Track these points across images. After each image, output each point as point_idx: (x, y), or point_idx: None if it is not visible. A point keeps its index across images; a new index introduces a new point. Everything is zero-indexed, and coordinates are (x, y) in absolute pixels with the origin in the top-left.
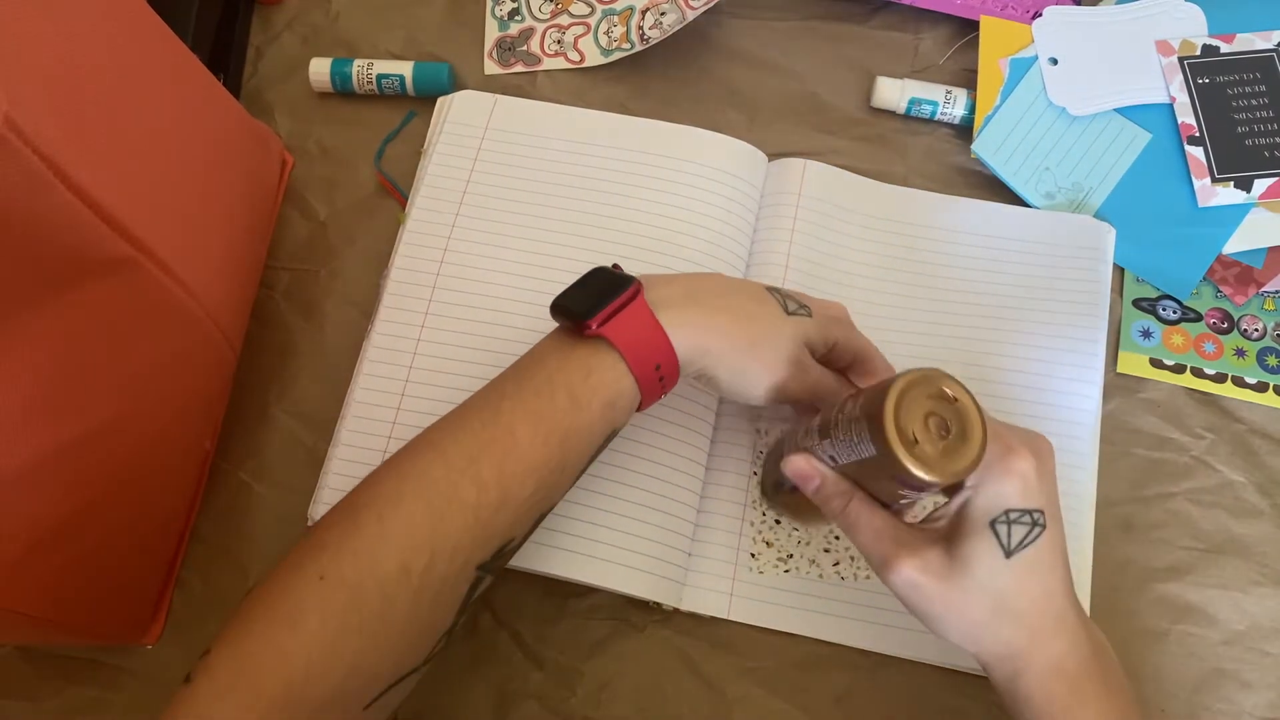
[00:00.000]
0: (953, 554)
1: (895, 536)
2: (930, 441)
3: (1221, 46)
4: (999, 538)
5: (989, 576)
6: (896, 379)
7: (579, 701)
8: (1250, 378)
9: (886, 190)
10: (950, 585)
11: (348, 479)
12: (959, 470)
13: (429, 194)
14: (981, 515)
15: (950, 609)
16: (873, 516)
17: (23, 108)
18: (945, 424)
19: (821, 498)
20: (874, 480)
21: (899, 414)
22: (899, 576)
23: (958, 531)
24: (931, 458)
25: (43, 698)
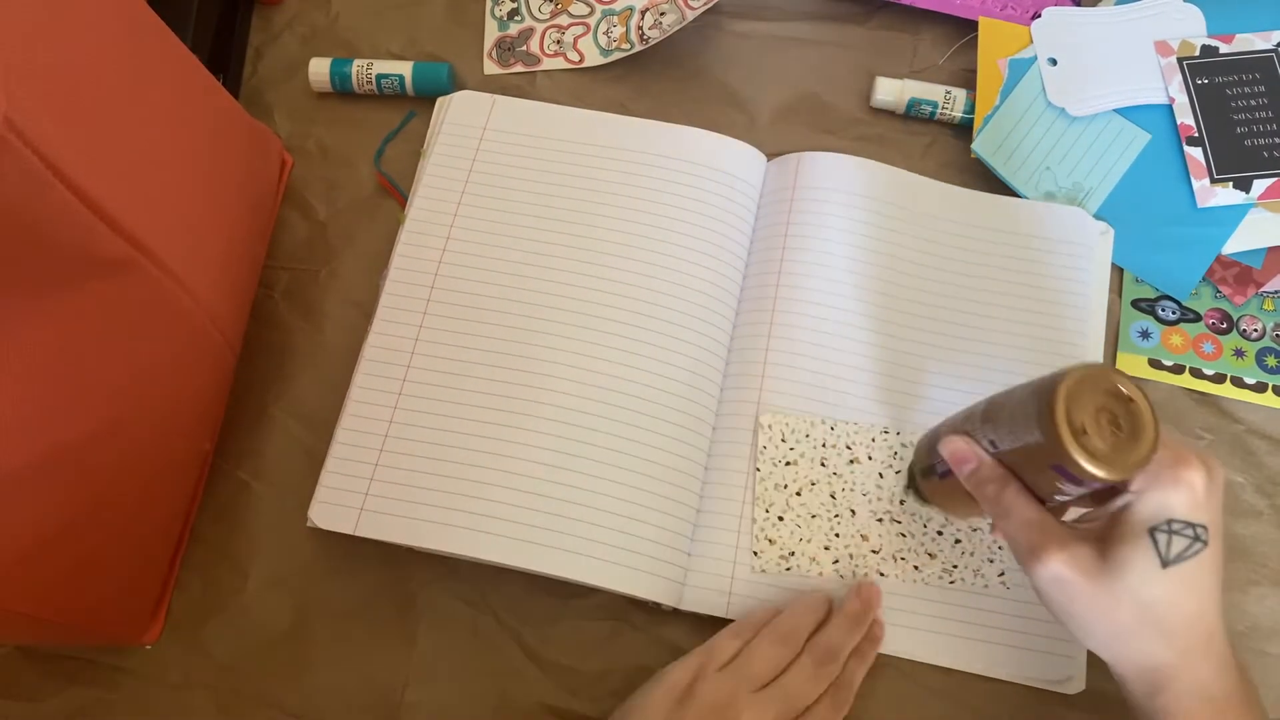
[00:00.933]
0: (1105, 555)
1: (1046, 528)
2: (1099, 435)
3: (1221, 47)
4: (1157, 546)
5: (1141, 584)
6: (1072, 369)
7: (579, 702)
8: (1249, 378)
9: (882, 170)
10: (1098, 586)
11: (346, 478)
12: (1124, 467)
13: (428, 194)
14: (1142, 521)
15: (1094, 611)
16: (1026, 505)
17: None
18: (1117, 421)
19: (976, 481)
20: (1033, 470)
21: (1071, 403)
22: (1046, 569)
23: (1114, 534)
24: (1099, 451)
25: (43, 698)
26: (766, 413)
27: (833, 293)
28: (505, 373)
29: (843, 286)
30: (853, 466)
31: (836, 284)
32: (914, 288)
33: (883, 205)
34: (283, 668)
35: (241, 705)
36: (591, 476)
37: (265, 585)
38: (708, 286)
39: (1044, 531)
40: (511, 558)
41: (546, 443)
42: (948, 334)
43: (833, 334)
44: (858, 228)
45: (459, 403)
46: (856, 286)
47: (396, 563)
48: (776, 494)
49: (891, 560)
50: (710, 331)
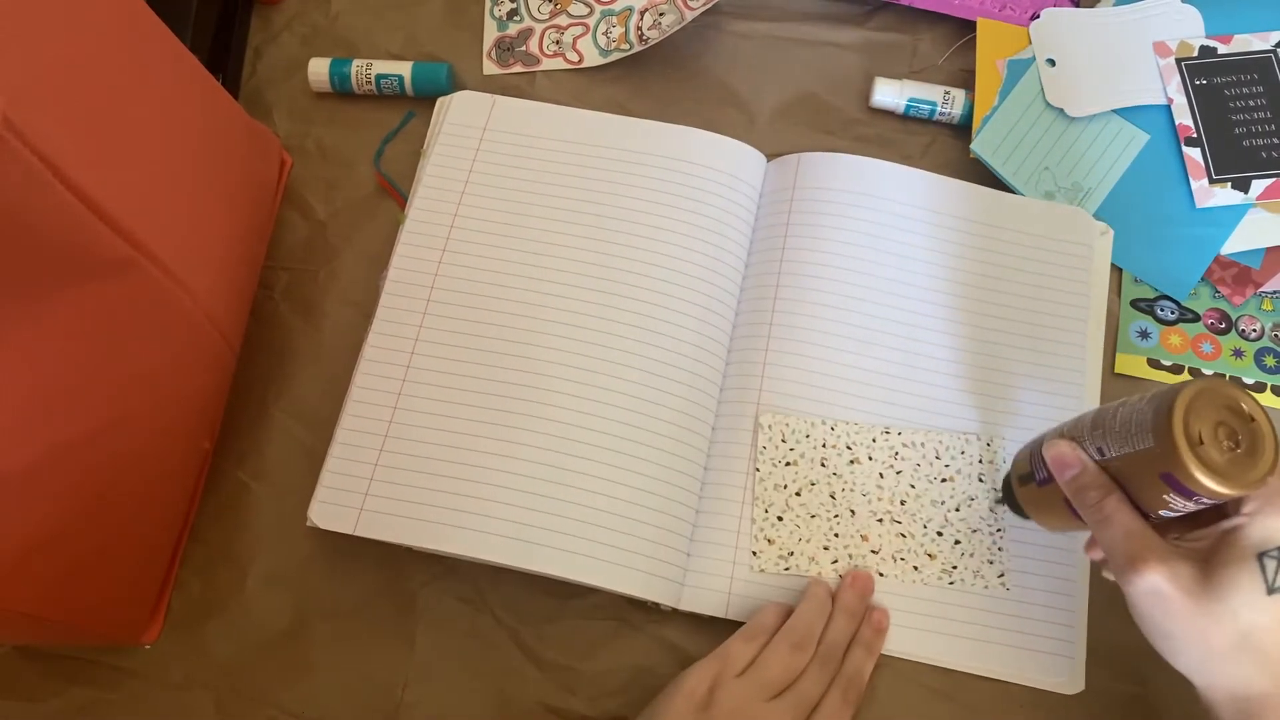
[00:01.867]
0: (1208, 576)
1: (1148, 541)
2: (1216, 448)
3: (1219, 48)
4: (1265, 572)
5: (1243, 608)
6: (1194, 380)
7: (579, 701)
8: (1248, 378)
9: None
10: (1198, 606)
11: (346, 478)
12: (1239, 484)
13: (427, 194)
14: (1252, 544)
15: (1190, 630)
16: (1129, 515)
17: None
18: (1235, 436)
19: (1077, 486)
20: (1141, 479)
21: (1190, 412)
22: (1144, 581)
23: (1219, 555)
24: (1214, 463)
25: (43, 698)
26: (766, 413)
27: (833, 292)
28: (505, 373)
29: (843, 286)
30: (853, 467)
31: (836, 284)
32: (914, 286)
33: (883, 204)
34: (283, 668)
35: (241, 705)
36: (591, 476)
37: (265, 585)
38: (708, 287)
39: (1145, 543)
40: (511, 558)
41: (546, 443)
42: (948, 333)
43: (833, 334)
44: (858, 227)
45: (459, 403)
46: (856, 286)
47: (396, 562)
48: (776, 494)
49: (891, 560)
50: (710, 332)
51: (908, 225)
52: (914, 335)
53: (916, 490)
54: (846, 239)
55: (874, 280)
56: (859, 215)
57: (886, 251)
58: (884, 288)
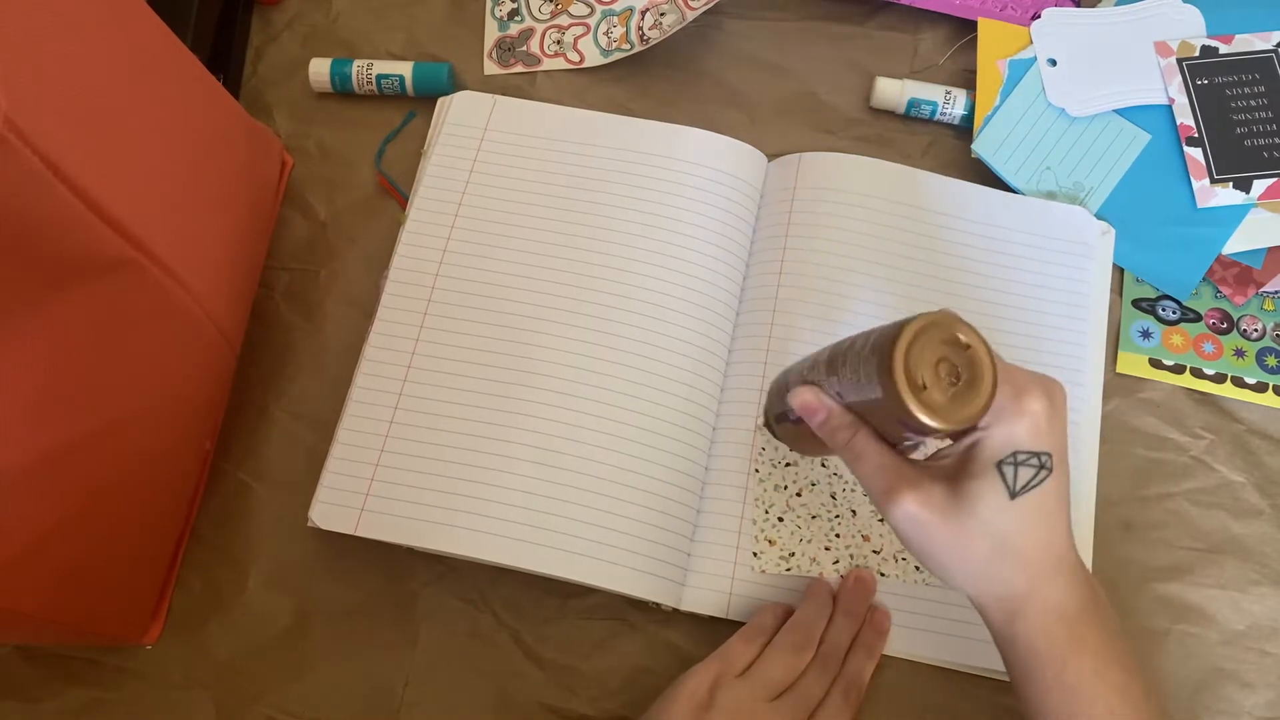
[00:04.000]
0: (956, 492)
1: (899, 471)
2: (939, 388)
3: (1220, 47)
4: (1005, 479)
5: (992, 516)
6: (910, 321)
7: (579, 701)
8: (1250, 378)
9: (884, 168)
10: (951, 523)
11: (347, 479)
12: (964, 419)
13: (428, 194)
14: (989, 456)
15: (950, 547)
16: (878, 450)
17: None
18: (956, 370)
19: (827, 430)
20: (879, 420)
21: (909, 359)
22: (900, 509)
23: (963, 470)
24: (939, 404)
25: (43, 698)
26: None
27: (833, 293)
28: (506, 373)
29: (843, 286)
30: None
31: (837, 284)
32: (915, 284)
33: (884, 204)
34: (283, 668)
35: (241, 705)
36: (592, 477)
37: (265, 585)
38: (708, 287)
39: (896, 474)
40: (511, 558)
41: (547, 443)
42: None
43: (834, 334)
44: (859, 227)
45: (459, 403)
46: (857, 286)
47: (396, 563)
48: (776, 495)
49: (893, 560)
50: (711, 332)
51: (908, 225)
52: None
53: None
54: (847, 239)
55: (874, 280)
56: (860, 215)
57: (887, 252)
58: (885, 287)
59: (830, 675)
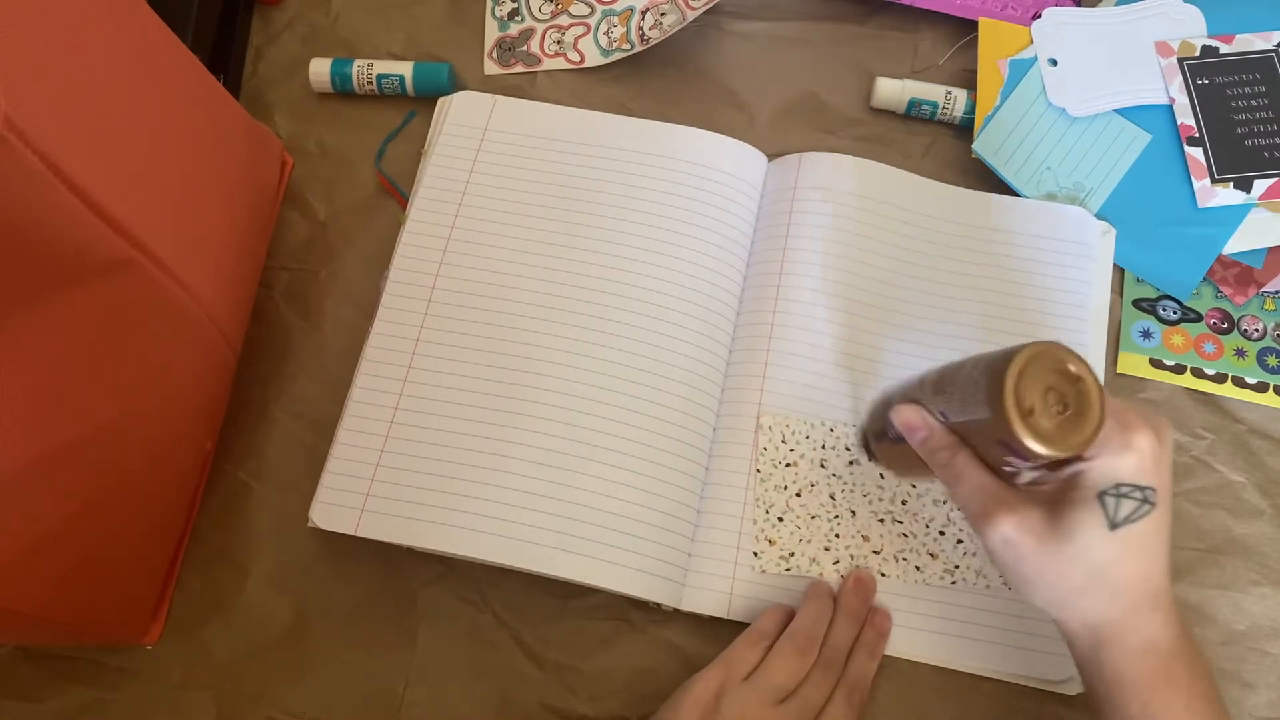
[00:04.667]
0: (1055, 519)
1: (997, 493)
2: (1046, 415)
3: (1221, 47)
4: (1106, 510)
5: (1089, 546)
6: (1023, 348)
7: (579, 701)
8: (1250, 378)
9: (884, 170)
10: (1047, 548)
11: (347, 479)
12: (1070, 446)
13: (428, 194)
14: (1091, 485)
15: (1043, 572)
16: (977, 471)
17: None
18: (1064, 400)
19: (928, 449)
20: (982, 443)
21: (1019, 382)
22: (996, 531)
23: (1064, 498)
24: (1044, 430)
25: (43, 698)
26: (767, 414)
27: (834, 294)
28: (506, 373)
29: (844, 288)
30: (853, 468)
31: (838, 284)
32: (916, 288)
33: (884, 206)
34: (283, 668)
35: (241, 705)
36: (592, 477)
37: (265, 585)
38: (708, 287)
39: (994, 496)
40: (511, 558)
41: (547, 443)
42: (950, 334)
43: (834, 335)
44: (859, 228)
45: (460, 403)
46: (858, 288)
47: (397, 563)
48: (777, 495)
49: (893, 561)
50: (711, 332)
51: (908, 227)
52: (916, 336)
53: (918, 490)
54: (847, 239)
55: (875, 281)
56: (860, 216)
57: (889, 255)
58: (885, 289)
59: (833, 678)
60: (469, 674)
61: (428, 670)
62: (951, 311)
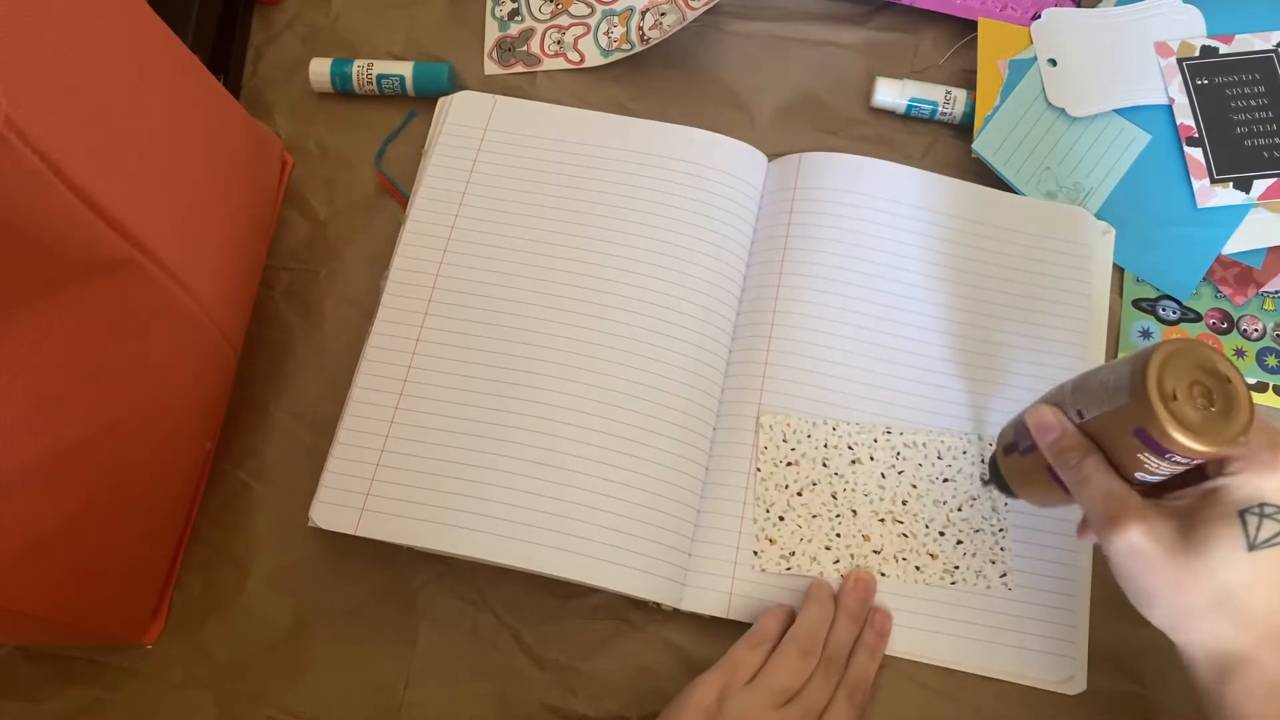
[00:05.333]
0: (1188, 532)
1: (1126, 499)
2: (1191, 405)
3: (1220, 48)
4: (1246, 528)
5: (1223, 564)
6: (1171, 340)
7: (579, 701)
8: (1250, 378)
9: (883, 167)
10: (1176, 562)
11: (347, 479)
12: (1212, 441)
13: (429, 194)
14: (1233, 501)
15: (1169, 586)
16: (1107, 475)
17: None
18: (1210, 395)
19: (1058, 449)
20: (1117, 437)
21: (1165, 369)
22: (1124, 539)
23: (1200, 512)
24: (1188, 419)
25: (43, 698)
26: (767, 413)
27: (834, 292)
28: (506, 373)
29: (843, 286)
30: (854, 467)
31: (837, 283)
32: (916, 286)
33: (884, 204)
34: (283, 668)
35: (241, 705)
36: (592, 476)
37: (265, 585)
38: (709, 286)
39: (1123, 502)
40: (512, 558)
41: (547, 443)
42: (950, 332)
43: (834, 334)
44: (859, 226)
45: (460, 403)
46: (857, 286)
47: (397, 562)
48: (777, 494)
49: (893, 560)
50: (711, 332)
51: (909, 225)
52: (915, 335)
53: (918, 490)
54: (848, 239)
55: (875, 280)
56: (860, 215)
57: (887, 251)
58: (885, 288)
59: (835, 679)
60: (469, 674)
61: (428, 670)
62: (952, 309)
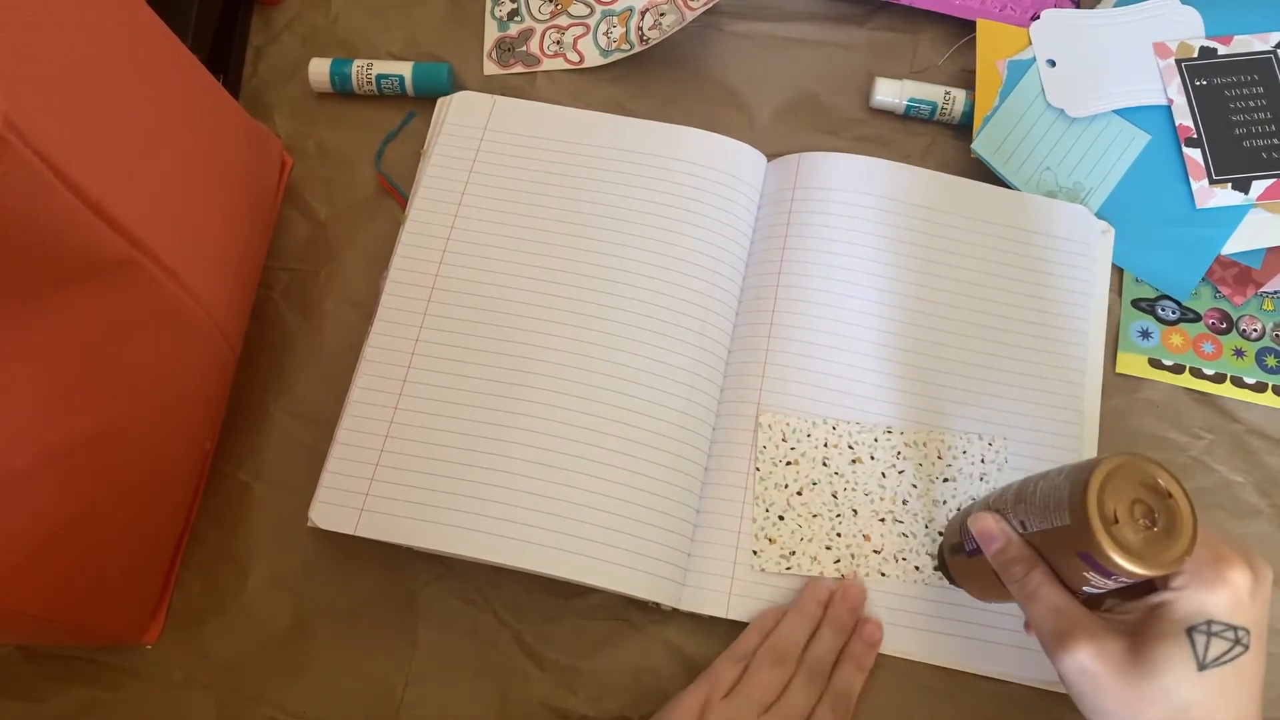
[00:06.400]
0: (1137, 651)
1: (1075, 617)
2: (1132, 527)
3: (1219, 48)
4: (1194, 647)
5: (1175, 685)
6: (1109, 457)
7: (579, 701)
8: (1249, 378)
9: (882, 165)
10: (1128, 683)
11: (347, 479)
12: (1155, 564)
13: (428, 194)
14: (1180, 619)
15: (1122, 706)
16: (1054, 591)
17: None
18: (1152, 514)
19: (1003, 560)
20: (1061, 556)
21: (1105, 490)
22: (1073, 659)
23: (1149, 630)
24: (1129, 543)
25: (43, 698)
26: (767, 412)
27: (833, 291)
28: (506, 373)
29: (843, 285)
30: (855, 466)
31: (837, 283)
32: (916, 284)
33: (883, 202)
34: (283, 668)
35: (241, 705)
36: (592, 477)
37: (265, 585)
38: (708, 287)
39: (1072, 620)
40: (511, 558)
41: (547, 443)
42: (950, 331)
43: (833, 333)
44: (858, 225)
45: (460, 403)
46: (857, 285)
47: (396, 563)
48: (777, 493)
49: (893, 560)
50: (710, 332)
51: (908, 223)
52: (915, 334)
53: (919, 490)
54: (847, 237)
55: (874, 279)
56: (859, 214)
57: (887, 250)
58: (884, 286)
59: (817, 687)
60: (469, 674)
61: (428, 670)
62: (952, 308)
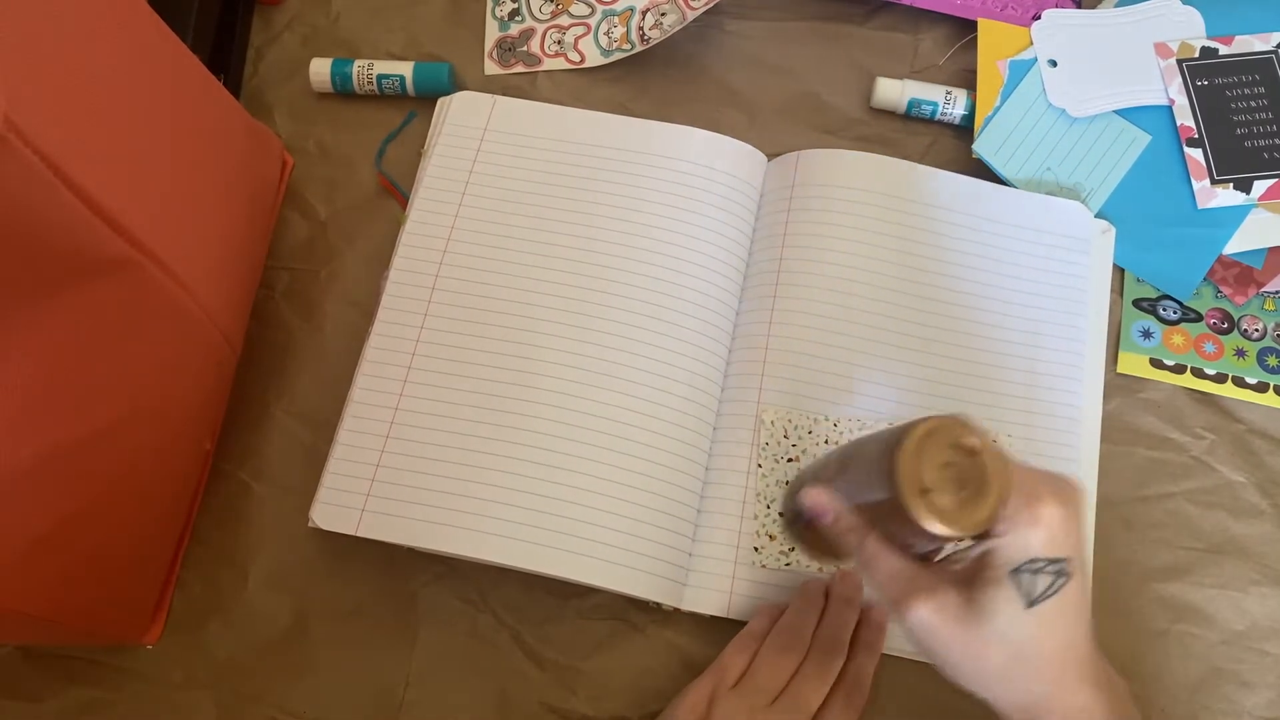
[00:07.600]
0: (971, 600)
1: (912, 577)
2: (945, 493)
3: (1220, 49)
4: (1020, 588)
5: (1008, 626)
6: (916, 424)
7: (579, 701)
8: (1250, 378)
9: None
10: (966, 631)
11: (347, 479)
12: (970, 525)
13: (429, 194)
14: (1003, 564)
15: (966, 655)
16: (888, 556)
17: (23, 108)
18: (962, 477)
19: (837, 531)
20: (889, 524)
21: (915, 461)
22: (914, 617)
23: (977, 578)
24: (943, 509)
25: (43, 698)
26: (769, 409)
27: (832, 289)
28: (506, 373)
29: (842, 283)
30: None
31: (836, 280)
32: (915, 281)
33: (882, 200)
34: (283, 668)
35: (241, 705)
36: (592, 476)
37: (265, 585)
38: (708, 285)
39: (908, 580)
40: (511, 558)
41: (547, 443)
42: (950, 329)
43: (833, 331)
44: (857, 223)
45: (460, 403)
46: (856, 283)
47: (397, 563)
48: (779, 490)
49: None
50: (710, 331)
51: (907, 220)
52: (915, 331)
53: None
54: (846, 235)
55: (874, 277)
56: (858, 211)
57: (886, 248)
58: (884, 284)
59: (828, 670)
60: (469, 674)
61: (428, 670)
62: (952, 305)
